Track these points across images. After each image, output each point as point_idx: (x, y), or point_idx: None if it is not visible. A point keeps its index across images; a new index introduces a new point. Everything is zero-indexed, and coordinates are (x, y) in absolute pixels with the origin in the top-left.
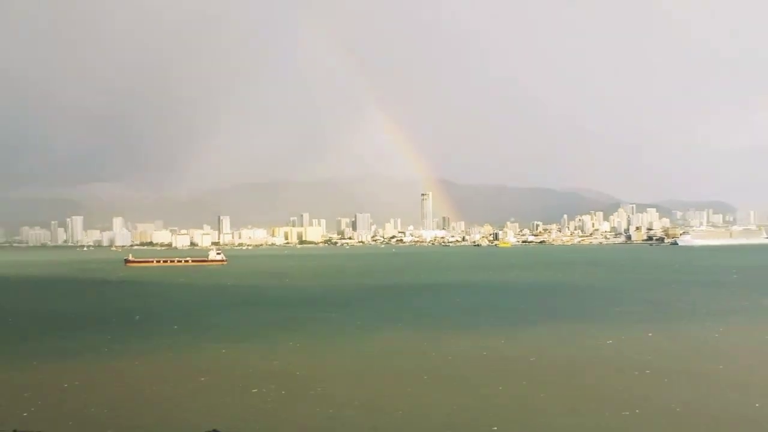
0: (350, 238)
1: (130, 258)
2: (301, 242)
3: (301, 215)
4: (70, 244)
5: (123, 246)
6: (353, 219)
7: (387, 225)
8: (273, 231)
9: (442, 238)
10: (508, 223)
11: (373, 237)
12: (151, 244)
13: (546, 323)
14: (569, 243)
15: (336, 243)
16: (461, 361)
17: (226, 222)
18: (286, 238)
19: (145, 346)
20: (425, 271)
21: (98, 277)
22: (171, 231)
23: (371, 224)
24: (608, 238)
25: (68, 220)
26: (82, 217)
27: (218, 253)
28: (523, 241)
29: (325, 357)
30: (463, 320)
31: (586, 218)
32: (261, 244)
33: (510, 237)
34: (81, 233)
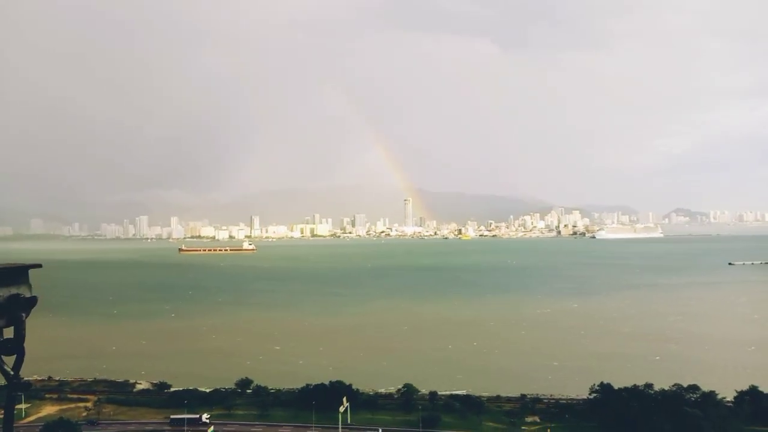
0: (350, 233)
1: (183, 247)
2: (313, 236)
3: (313, 215)
4: (137, 237)
5: (178, 238)
6: (352, 218)
7: (378, 223)
8: (291, 227)
9: (419, 232)
10: (469, 221)
11: (367, 232)
12: (199, 237)
13: (496, 295)
14: (514, 237)
15: (339, 236)
16: (431, 319)
17: (256, 220)
18: (301, 233)
19: (198, 310)
20: (407, 256)
21: (160, 261)
22: (214, 227)
23: (366, 222)
24: (543, 233)
25: (137, 218)
26: (147, 216)
27: (250, 244)
28: (480, 235)
29: (336, 317)
30: (434, 291)
31: (527, 218)
32: (282, 237)
33: (470, 232)
34: (146, 229)
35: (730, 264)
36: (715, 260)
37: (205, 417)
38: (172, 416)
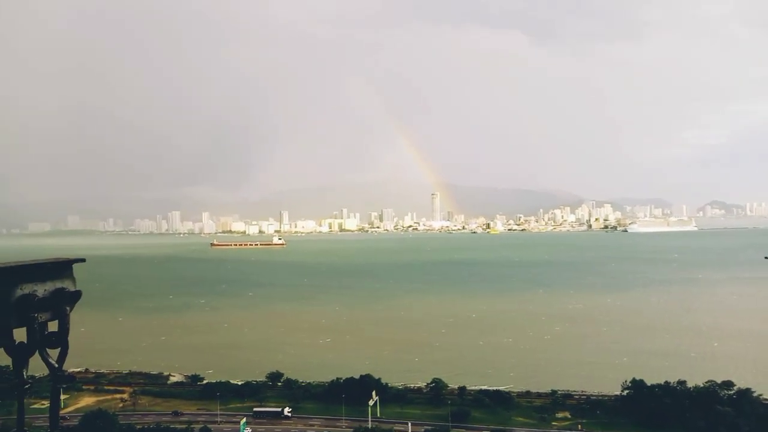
0: (378, 227)
1: (215, 242)
2: (341, 230)
3: (341, 210)
4: (170, 232)
5: (209, 233)
6: (380, 213)
7: (405, 217)
8: (320, 222)
9: (447, 227)
10: (497, 215)
11: (395, 226)
12: (230, 232)
13: (527, 290)
14: (544, 231)
15: (367, 231)
16: (461, 314)
17: (285, 215)
18: (330, 228)
19: (230, 304)
20: (436, 251)
21: (192, 256)
22: (245, 222)
23: (394, 217)
24: (574, 227)
25: (169, 214)
26: (179, 212)
27: (279, 239)
28: (509, 229)
29: (365, 311)
30: (463, 286)
31: (557, 212)
32: (311, 232)
33: (499, 226)
34: (178, 224)
35: (766, 258)
36: (753, 254)
37: (287, 411)
38: (255, 409)
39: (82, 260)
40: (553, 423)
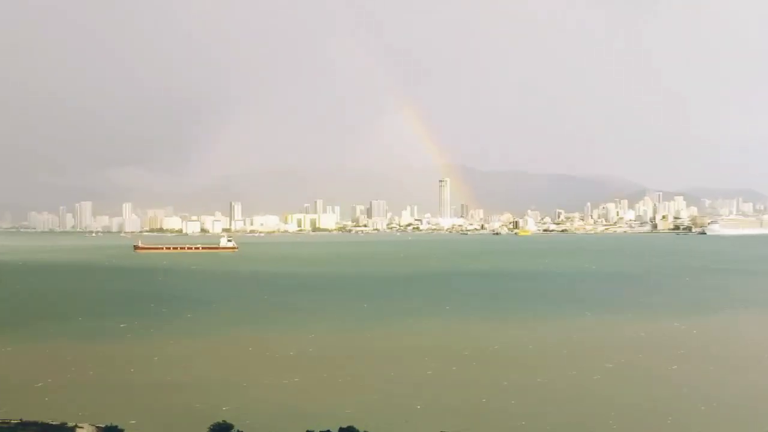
0: (365, 226)
1: (140, 244)
2: (315, 229)
3: (315, 202)
4: (78, 230)
5: (132, 232)
6: (368, 206)
7: (403, 212)
8: (286, 218)
9: (460, 226)
10: (529, 211)
11: (388, 225)
12: (161, 230)
13: (573, 311)
14: (592, 232)
15: (350, 230)
16: (481, 344)
17: (237, 208)
18: (299, 226)
19: (161, 329)
20: (447, 258)
21: (110, 263)
22: (181, 217)
23: (387, 211)
24: (633, 227)
25: (77, 205)
26: (91, 202)
27: (229, 240)
28: (544, 230)
29: (350, 340)
30: (486, 307)
31: (610, 206)
32: (273, 231)
33: (530, 225)
34: (90, 219)
35: None
36: None
37: None
38: None
39: None
40: None
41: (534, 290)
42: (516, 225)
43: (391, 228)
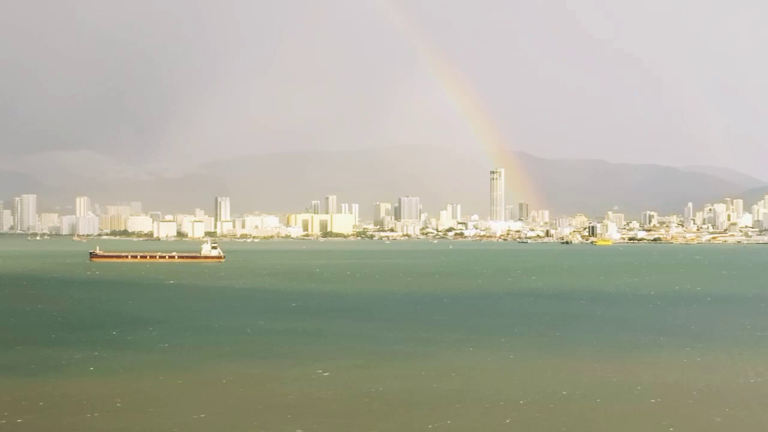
0: (392, 230)
1: (97, 251)
2: (326, 234)
3: (327, 198)
4: (18, 231)
5: (88, 235)
6: (396, 204)
7: (442, 213)
8: (288, 219)
9: (518, 231)
10: (610, 213)
11: (422, 229)
12: (125, 233)
13: (667, 348)
14: (695, 242)
15: (373, 236)
16: (552, 391)
17: (225, 205)
18: (305, 229)
19: (127, 362)
20: (498, 275)
21: (61, 275)
22: (152, 216)
23: (421, 212)
24: (750, 236)
25: (17, 199)
26: (35, 195)
27: (214, 247)
28: (630, 239)
29: (367, 382)
30: (548, 339)
31: (719, 208)
32: (272, 236)
33: (612, 232)
34: (33, 217)
35: None
36: None
37: None
38: None
39: None
40: None
41: (612, 317)
42: (592, 231)
43: (426, 234)
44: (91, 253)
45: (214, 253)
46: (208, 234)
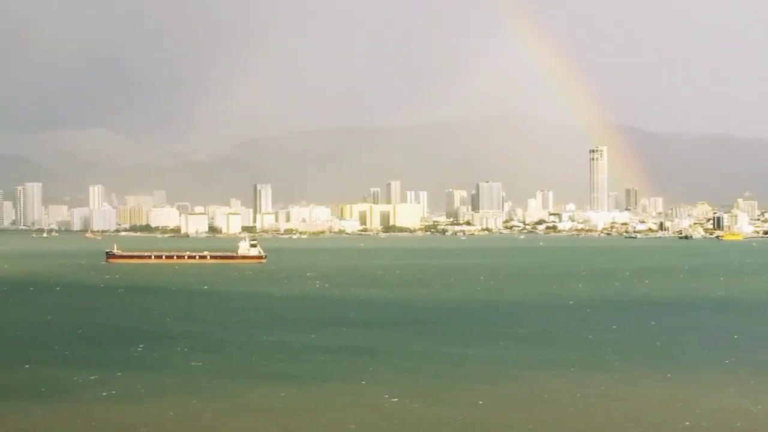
0: (468, 224)
1: (115, 250)
2: (387, 228)
3: (388, 184)
4: (22, 226)
5: (104, 231)
6: (474, 191)
7: (530, 201)
8: (341, 210)
9: (625, 224)
10: (740, 200)
11: (506, 222)
12: (147, 228)
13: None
14: None
15: (445, 231)
16: (682, 424)
17: (266, 194)
18: (363, 222)
19: (153, 384)
20: (600, 276)
21: (73, 278)
22: (179, 208)
23: (504, 201)
24: None
25: (19, 188)
26: (41, 184)
27: (253, 245)
28: (766, 232)
29: (444, 408)
30: (675, 358)
31: None
32: (322, 231)
33: (743, 224)
34: (39, 209)
35: None
36: None
37: None
38: None
39: None
40: None
41: (753, 332)
42: (718, 224)
43: (511, 228)
44: (107, 252)
45: (254, 252)
46: (246, 229)
